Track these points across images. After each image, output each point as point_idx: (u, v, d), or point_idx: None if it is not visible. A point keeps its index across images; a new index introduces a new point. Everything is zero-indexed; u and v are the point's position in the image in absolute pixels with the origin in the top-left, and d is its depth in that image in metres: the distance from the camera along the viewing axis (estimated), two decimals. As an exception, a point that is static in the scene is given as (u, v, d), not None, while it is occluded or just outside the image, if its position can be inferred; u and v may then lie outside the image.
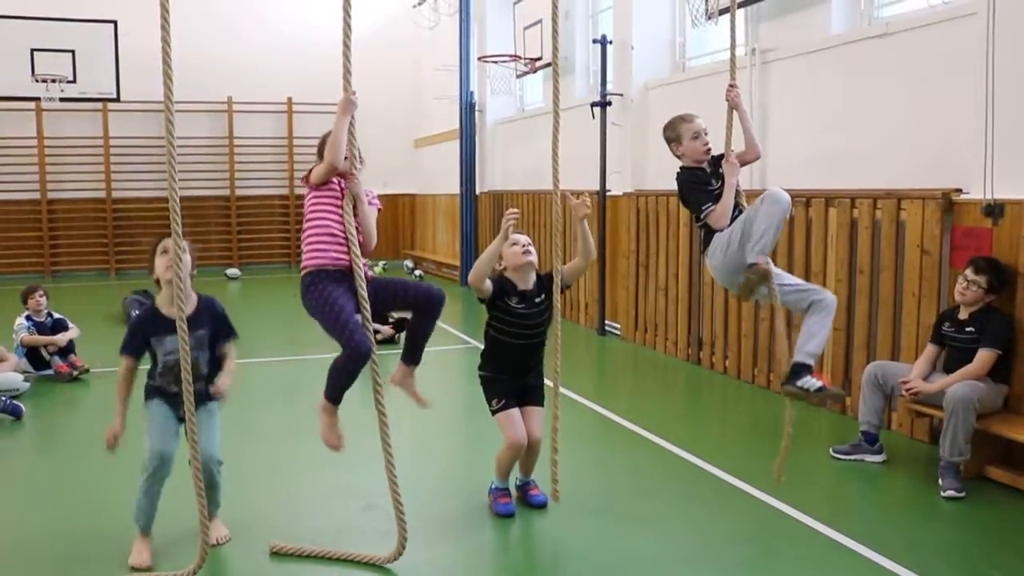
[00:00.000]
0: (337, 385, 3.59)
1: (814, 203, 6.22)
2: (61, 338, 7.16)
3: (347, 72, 3.59)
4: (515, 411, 4.19)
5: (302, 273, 3.67)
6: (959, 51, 5.22)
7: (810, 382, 3.90)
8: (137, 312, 4.99)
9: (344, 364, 3.55)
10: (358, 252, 3.60)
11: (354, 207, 3.64)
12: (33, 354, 7.11)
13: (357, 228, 3.64)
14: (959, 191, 5.17)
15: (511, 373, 4.26)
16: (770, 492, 4.45)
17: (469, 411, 6.79)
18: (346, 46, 3.56)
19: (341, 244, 3.60)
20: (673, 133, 4.23)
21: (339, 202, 3.63)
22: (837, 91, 6.33)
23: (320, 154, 3.71)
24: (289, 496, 4.52)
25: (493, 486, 4.32)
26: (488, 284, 4.09)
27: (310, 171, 3.70)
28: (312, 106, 15.29)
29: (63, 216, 15.12)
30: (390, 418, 3.64)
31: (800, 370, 3.93)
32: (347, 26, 3.53)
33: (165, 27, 3.21)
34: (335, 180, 3.65)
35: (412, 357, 3.83)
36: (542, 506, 4.26)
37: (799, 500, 4.35)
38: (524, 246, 4.16)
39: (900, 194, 5.53)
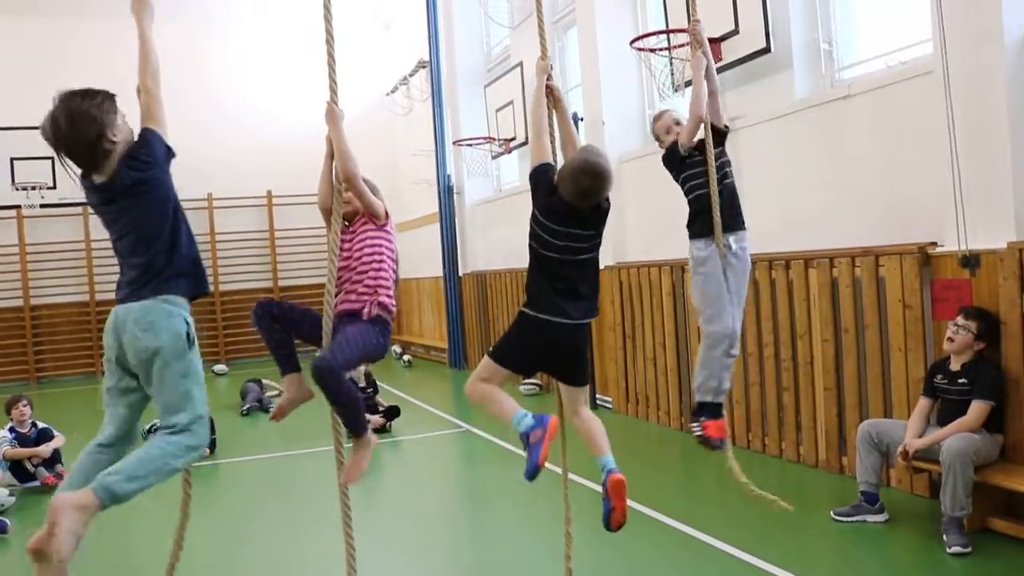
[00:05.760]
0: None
1: (794, 265, 6.26)
2: (45, 449, 7.02)
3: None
4: None
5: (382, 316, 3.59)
6: (920, 107, 5.33)
7: (696, 430, 4.11)
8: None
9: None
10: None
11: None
12: (17, 467, 6.97)
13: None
14: (935, 244, 5.22)
15: None
16: (776, 562, 4.38)
17: (467, 499, 6.68)
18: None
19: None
20: None
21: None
22: (807, 154, 6.43)
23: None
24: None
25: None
26: None
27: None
28: (292, 198, 15.44)
29: (47, 322, 15.07)
30: (388, 510, 3.53)
31: (699, 410, 4.23)
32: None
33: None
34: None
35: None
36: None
37: (805, 568, 4.27)
38: None
39: (877, 251, 5.58)
